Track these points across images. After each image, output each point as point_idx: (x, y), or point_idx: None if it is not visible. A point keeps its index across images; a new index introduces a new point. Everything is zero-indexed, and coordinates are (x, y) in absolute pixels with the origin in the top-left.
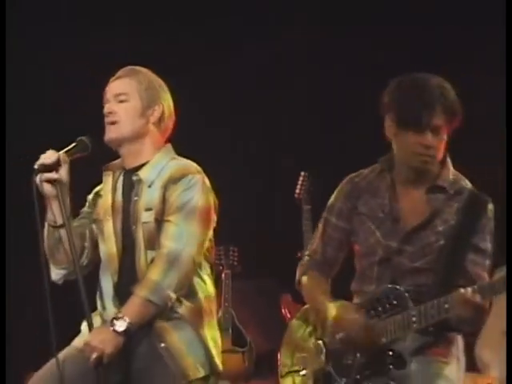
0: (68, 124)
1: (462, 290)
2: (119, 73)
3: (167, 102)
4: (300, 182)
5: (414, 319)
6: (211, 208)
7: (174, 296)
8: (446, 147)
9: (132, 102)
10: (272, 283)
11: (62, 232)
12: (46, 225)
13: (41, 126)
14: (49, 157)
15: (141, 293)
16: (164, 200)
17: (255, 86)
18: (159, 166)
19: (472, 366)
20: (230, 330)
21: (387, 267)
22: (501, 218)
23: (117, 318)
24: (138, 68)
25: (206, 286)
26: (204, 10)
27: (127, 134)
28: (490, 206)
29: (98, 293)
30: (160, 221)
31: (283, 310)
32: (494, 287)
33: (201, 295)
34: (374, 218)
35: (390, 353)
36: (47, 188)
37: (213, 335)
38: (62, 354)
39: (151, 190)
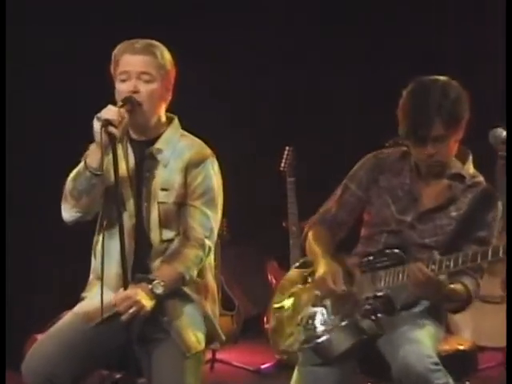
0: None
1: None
2: (138, 46)
3: (174, 79)
4: (285, 156)
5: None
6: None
7: (195, 275)
8: (461, 148)
9: (155, 84)
10: (258, 251)
11: (99, 180)
12: (82, 169)
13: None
14: (113, 114)
15: (179, 267)
16: (185, 184)
17: (244, 58)
18: (171, 143)
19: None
20: (220, 295)
21: (396, 237)
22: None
23: (152, 281)
24: (155, 44)
25: (213, 264)
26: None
27: (149, 115)
28: (500, 203)
29: (100, 257)
30: (181, 204)
31: (269, 276)
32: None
33: (208, 274)
34: (393, 193)
35: (381, 295)
36: (105, 139)
37: (213, 309)
38: (63, 319)
39: (168, 170)
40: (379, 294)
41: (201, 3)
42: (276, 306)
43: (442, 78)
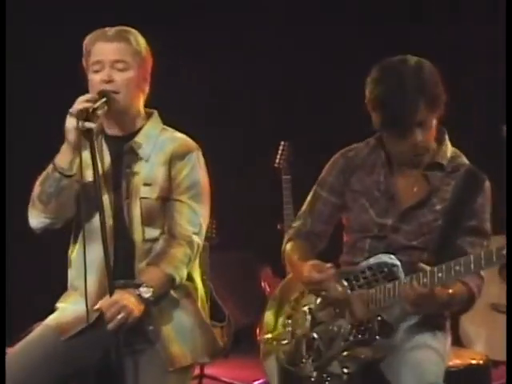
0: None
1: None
2: (110, 33)
3: (151, 68)
4: (280, 152)
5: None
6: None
7: (185, 276)
8: (438, 128)
9: (131, 72)
10: (250, 256)
11: (70, 182)
12: (50, 170)
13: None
14: (84, 103)
15: (166, 269)
16: (170, 178)
17: (237, 54)
18: (152, 137)
19: (456, 340)
20: (208, 304)
21: (381, 242)
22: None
23: (139, 285)
24: (128, 30)
25: (199, 267)
26: None
27: (126, 107)
28: (487, 184)
29: (74, 267)
30: (165, 199)
31: (263, 284)
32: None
33: (197, 276)
34: (369, 195)
35: (378, 319)
36: (79, 136)
37: (205, 314)
38: (34, 332)
39: (149, 164)
40: (373, 317)
41: (201, 3)
42: (268, 336)
43: (410, 57)
